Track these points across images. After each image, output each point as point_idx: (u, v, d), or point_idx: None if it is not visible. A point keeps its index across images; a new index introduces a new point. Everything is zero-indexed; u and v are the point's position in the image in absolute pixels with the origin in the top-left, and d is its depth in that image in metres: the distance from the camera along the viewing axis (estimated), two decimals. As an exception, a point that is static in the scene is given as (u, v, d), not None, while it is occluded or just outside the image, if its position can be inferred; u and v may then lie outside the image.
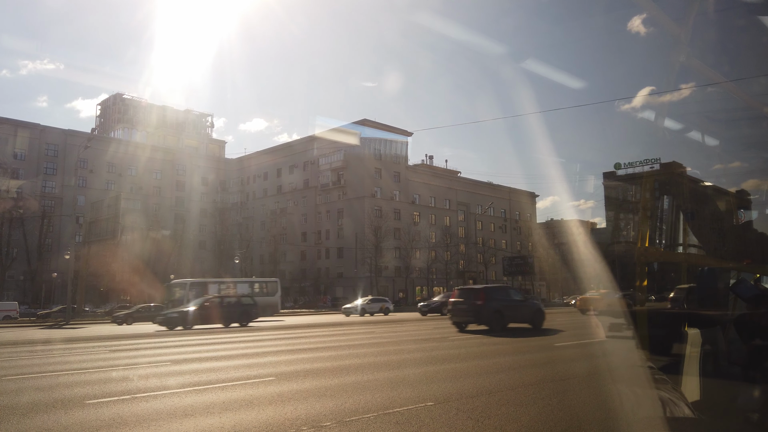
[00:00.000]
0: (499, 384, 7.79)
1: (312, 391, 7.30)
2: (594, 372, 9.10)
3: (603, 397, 6.84)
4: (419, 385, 7.69)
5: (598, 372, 9.09)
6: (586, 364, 10.04)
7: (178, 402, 6.69)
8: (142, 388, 7.73)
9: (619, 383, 7.72)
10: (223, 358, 11.87)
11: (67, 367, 10.43)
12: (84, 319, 37.23)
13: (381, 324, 25.94)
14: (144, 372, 9.69)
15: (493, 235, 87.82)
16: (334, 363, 10.34)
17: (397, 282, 70.74)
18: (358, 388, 7.42)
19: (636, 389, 7.28)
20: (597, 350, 12.73)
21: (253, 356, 12.03)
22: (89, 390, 7.61)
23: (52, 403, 6.73)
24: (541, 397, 6.84)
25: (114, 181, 72.28)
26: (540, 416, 5.84)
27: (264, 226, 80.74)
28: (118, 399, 6.88)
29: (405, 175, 77.08)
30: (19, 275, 59.10)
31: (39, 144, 68.85)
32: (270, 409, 6.24)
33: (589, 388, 7.61)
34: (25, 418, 5.94)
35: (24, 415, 6.08)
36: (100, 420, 5.77)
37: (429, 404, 6.34)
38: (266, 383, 8.03)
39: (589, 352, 12.31)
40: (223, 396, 7.06)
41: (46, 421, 5.75)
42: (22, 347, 15.90)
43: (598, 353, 12.01)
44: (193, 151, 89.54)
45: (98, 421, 5.74)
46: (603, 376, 8.65)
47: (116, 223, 35.59)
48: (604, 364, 9.96)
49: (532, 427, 5.41)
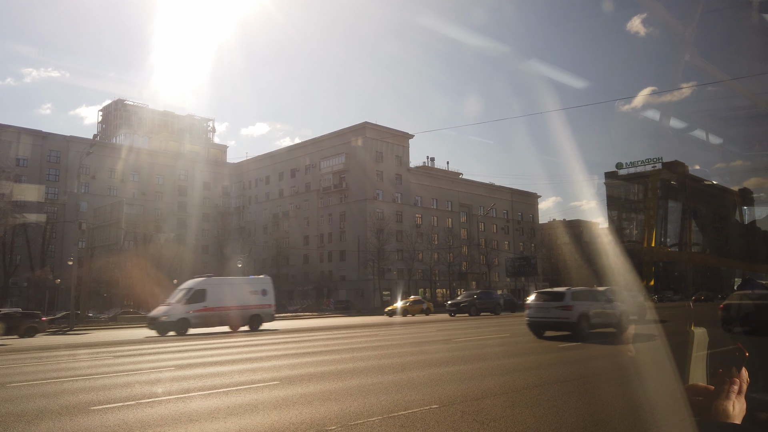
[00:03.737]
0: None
1: (317, 395, 7.29)
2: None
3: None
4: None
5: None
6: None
7: (183, 407, 6.69)
8: (147, 393, 7.73)
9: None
10: (227, 362, 11.86)
11: (72, 374, 10.44)
12: (88, 325, 37.28)
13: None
14: (148, 378, 9.70)
15: (495, 236, 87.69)
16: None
17: (399, 284, 70.66)
18: (363, 392, 7.40)
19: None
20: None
21: (257, 360, 12.01)
22: (94, 396, 7.61)
23: (57, 409, 6.73)
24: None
25: (116, 186, 72.41)
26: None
27: (266, 230, 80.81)
28: (122, 405, 6.88)
29: (406, 177, 77.08)
30: (23, 282, 59.20)
31: (41, 150, 69.06)
32: (274, 413, 6.23)
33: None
34: (30, 425, 5.95)
35: (29, 422, 6.09)
36: (105, 426, 5.77)
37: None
38: (270, 387, 8.03)
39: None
40: (227, 401, 7.06)
41: (52, 428, 5.76)
42: (27, 354, 15.92)
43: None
44: (195, 155, 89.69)
45: (103, 427, 5.74)
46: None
47: (119, 228, 35.71)
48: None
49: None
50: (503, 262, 77.18)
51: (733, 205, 76.21)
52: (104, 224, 36.05)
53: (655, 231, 74.63)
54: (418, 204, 78.20)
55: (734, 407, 1.41)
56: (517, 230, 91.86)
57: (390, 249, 66.44)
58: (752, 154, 53.42)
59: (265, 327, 25.92)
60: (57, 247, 63.63)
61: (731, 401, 1.41)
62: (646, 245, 58.97)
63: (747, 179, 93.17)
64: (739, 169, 67.57)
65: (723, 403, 1.41)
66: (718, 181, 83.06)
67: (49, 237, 58.89)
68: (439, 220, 79.94)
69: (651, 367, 8.46)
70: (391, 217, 70.64)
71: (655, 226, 75.33)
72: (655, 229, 74.94)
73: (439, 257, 72.54)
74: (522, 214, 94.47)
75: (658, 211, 77.25)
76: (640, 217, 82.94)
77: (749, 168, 66.52)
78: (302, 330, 25.06)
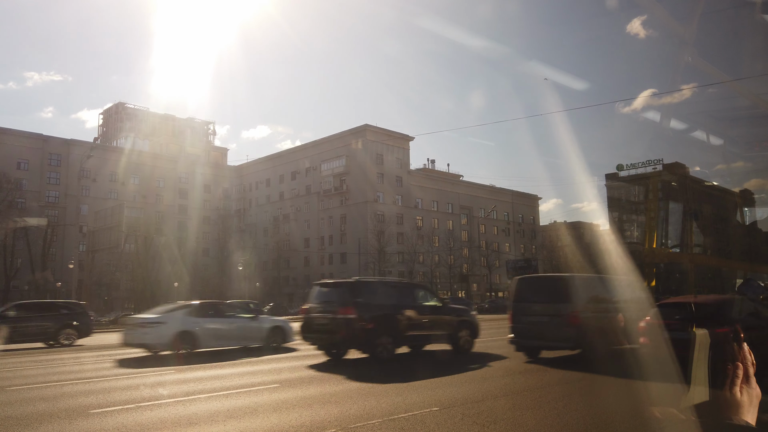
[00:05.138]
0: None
1: (317, 398, 7.26)
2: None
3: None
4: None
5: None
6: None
7: (183, 410, 6.67)
8: (146, 396, 7.71)
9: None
10: (227, 365, 11.83)
11: (73, 377, 10.41)
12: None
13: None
14: (149, 380, 9.67)
15: (496, 238, 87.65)
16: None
17: (400, 287, 70.65)
18: (364, 394, 7.38)
19: None
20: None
21: (257, 363, 11.98)
22: (93, 399, 7.59)
23: (56, 413, 6.71)
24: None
25: (116, 189, 72.44)
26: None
27: (266, 233, 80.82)
28: (122, 408, 6.85)
29: (407, 179, 77.09)
30: (24, 285, 59.21)
31: (42, 154, 69.16)
32: (274, 416, 6.21)
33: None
34: (28, 428, 5.93)
35: (28, 425, 6.07)
36: (104, 429, 5.76)
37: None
38: (271, 390, 8.00)
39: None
40: (228, 404, 7.03)
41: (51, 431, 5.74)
42: (26, 357, 15.89)
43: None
44: (196, 158, 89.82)
45: (102, 430, 5.72)
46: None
47: (119, 231, 35.77)
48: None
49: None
50: (504, 264, 77.10)
51: (734, 206, 76.13)
52: (105, 227, 36.13)
53: (656, 232, 74.60)
54: (419, 206, 78.19)
55: (742, 393, 1.23)
56: (518, 232, 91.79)
57: (391, 251, 66.42)
58: (753, 155, 53.36)
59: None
60: (58, 250, 63.67)
61: (737, 387, 1.23)
62: (648, 246, 58.88)
63: (748, 180, 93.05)
64: (740, 170, 67.51)
65: (728, 391, 1.23)
66: (719, 182, 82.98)
67: (50, 240, 58.86)
68: (440, 222, 79.91)
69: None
70: (391, 219, 70.62)
71: (656, 228, 75.25)
72: (656, 230, 74.88)
73: (440, 259, 72.50)
74: (523, 216, 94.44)
75: (659, 213, 77.13)
76: (641, 218, 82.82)
77: (750, 169, 66.43)
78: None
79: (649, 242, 65.56)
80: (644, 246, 75.01)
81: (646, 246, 67.86)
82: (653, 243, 73.82)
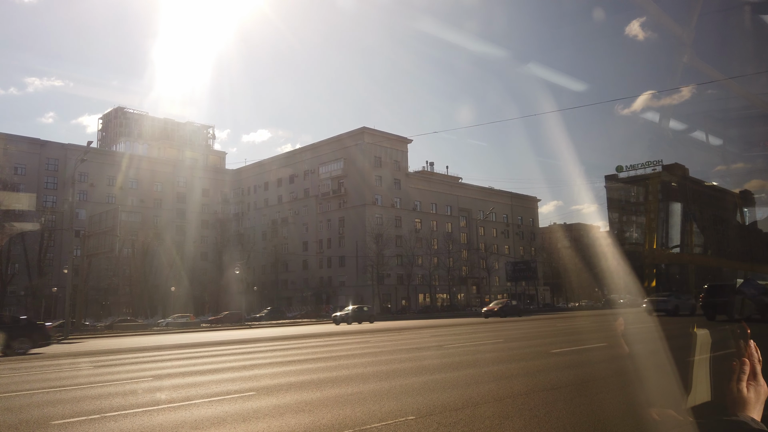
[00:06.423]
0: None
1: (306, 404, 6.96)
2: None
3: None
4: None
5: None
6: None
7: (147, 421, 6.37)
8: (115, 406, 7.40)
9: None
10: (208, 372, 11.53)
11: (46, 385, 10.12)
12: (84, 334, 36.97)
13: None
14: (121, 389, 9.35)
15: (495, 240, 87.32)
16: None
17: (399, 290, 70.29)
18: (340, 402, 7.07)
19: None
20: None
21: (240, 369, 11.66)
22: (60, 409, 7.29)
23: (15, 424, 6.42)
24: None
25: (115, 194, 72.24)
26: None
27: (265, 237, 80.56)
28: (86, 419, 6.56)
29: (405, 182, 76.80)
30: (20, 290, 58.96)
31: (39, 158, 69.02)
32: (241, 427, 5.91)
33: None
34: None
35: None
36: None
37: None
38: (245, 399, 7.70)
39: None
40: (196, 413, 6.72)
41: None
42: (4, 364, 15.57)
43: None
44: (194, 162, 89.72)
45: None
46: None
47: (114, 236, 35.45)
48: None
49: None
50: (503, 266, 76.75)
51: (734, 207, 75.80)
52: (99, 232, 35.81)
53: (656, 233, 74.24)
54: (417, 209, 77.91)
55: (749, 389, 1.23)
56: (517, 234, 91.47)
57: (389, 254, 66.11)
58: (753, 155, 53.02)
59: (257, 334, 25.65)
60: (55, 256, 63.44)
61: (744, 383, 1.24)
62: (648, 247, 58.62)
63: (748, 181, 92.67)
64: (740, 171, 67.14)
65: (734, 387, 1.23)
66: (718, 182, 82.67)
67: (47, 245, 58.66)
68: (439, 224, 79.60)
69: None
70: (390, 222, 70.34)
71: (656, 229, 74.91)
72: (656, 231, 74.54)
73: (438, 262, 72.17)
74: (522, 218, 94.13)
75: (658, 214, 76.81)
76: (641, 219, 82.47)
77: (750, 170, 66.08)
78: (295, 337, 24.74)
79: (649, 243, 65.11)
80: (644, 247, 74.56)
81: (647, 247, 67.35)
82: (653, 244, 73.38)
